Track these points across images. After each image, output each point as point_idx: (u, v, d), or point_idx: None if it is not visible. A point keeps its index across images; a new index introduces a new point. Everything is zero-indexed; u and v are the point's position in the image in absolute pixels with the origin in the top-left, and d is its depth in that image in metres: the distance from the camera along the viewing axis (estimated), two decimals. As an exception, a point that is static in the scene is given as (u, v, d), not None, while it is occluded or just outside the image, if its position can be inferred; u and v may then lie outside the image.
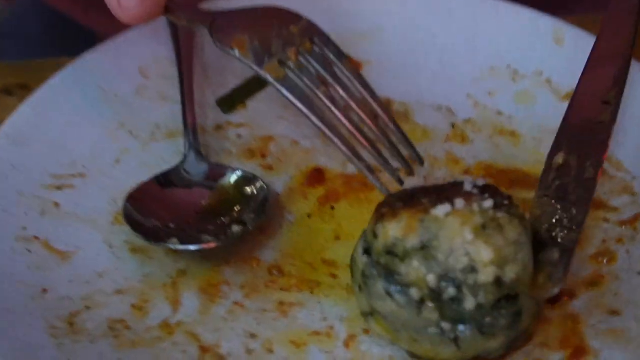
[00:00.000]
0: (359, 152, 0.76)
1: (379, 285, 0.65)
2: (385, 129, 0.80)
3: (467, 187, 0.66)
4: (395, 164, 0.79)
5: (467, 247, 0.62)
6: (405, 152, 0.80)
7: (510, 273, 0.63)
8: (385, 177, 0.78)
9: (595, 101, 0.76)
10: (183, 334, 0.70)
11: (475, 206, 0.64)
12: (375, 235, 0.66)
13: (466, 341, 0.64)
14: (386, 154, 0.79)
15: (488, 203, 0.64)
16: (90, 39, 0.90)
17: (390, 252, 0.64)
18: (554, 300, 0.70)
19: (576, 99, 0.77)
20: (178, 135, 0.83)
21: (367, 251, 0.67)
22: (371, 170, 0.76)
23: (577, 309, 0.70)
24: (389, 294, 0.65)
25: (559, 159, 0.72)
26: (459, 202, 0.64)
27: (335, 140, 0.75)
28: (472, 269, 0.62)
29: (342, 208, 0.78)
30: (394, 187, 0.78)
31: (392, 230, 0.64)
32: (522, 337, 0.67)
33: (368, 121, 0.79)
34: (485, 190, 0.66)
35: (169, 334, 0.70)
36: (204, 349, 0.69)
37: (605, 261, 0.73)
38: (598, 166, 0.71)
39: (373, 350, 0.69)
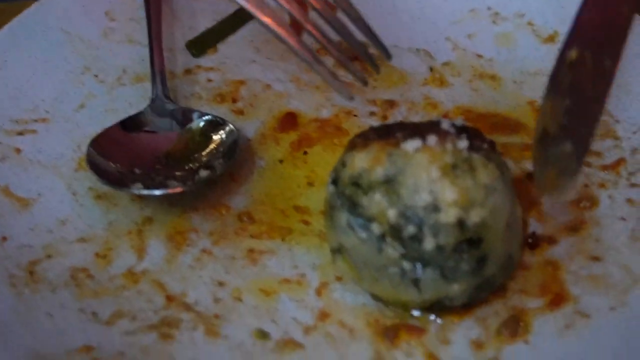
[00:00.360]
0: (319, 58, 0.71)
1: (343, 217, 0.63)
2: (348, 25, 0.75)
3: (444, 126, 0.63)
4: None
5: (432, 185, 0.60)
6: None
7: (475, 217, 0.61)
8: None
9: None
10: (148, 282, 0.67)
11: (448, 145, 0.61)
12: (343, 164, 0.63)
13: (427, 283, 0.62)
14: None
15: (463, 143, 0.62)
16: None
17: (355, 183, 0.62)
18: (533, 246, 0.68)
19: None
20: (146, 79, 0.81)
21: (335, 181, 0.64)
22: (334, 75, 0.72)
23: (557, 255, 0.68)
24: (351, 226, 0.62)
25: (572, 54, 0.68)
26: (431, 139, 0.61)
27: (291, 42, 0.71)
28: (434, 208, 0.60)
29: (315, 153, 0.76)
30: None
31: (360, 161, 0.62)
32: (489, 286, 0.64)
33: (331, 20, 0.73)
34: (464, 131, 0.64)
35: (133, 282, 0.67)
36: (169, 298, 0.66)
37: (587, 206, 0.70)
38: (616, 58, 0.67)
39: (346, 298, 0.67)
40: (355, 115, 0.78)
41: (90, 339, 0.63)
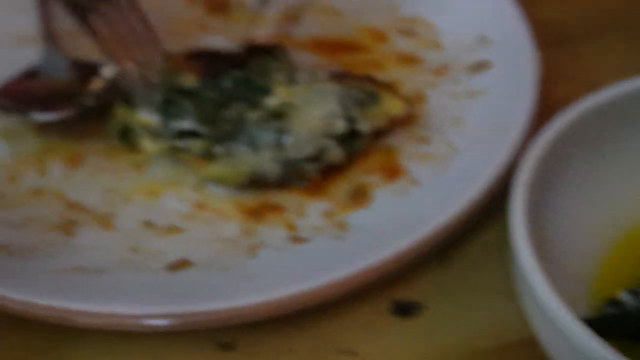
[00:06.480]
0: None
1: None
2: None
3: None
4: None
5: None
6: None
7: (285, 99, 0.78)
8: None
9: None
10: (51, 195, 0.80)
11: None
12: None
13: (237, 154, 0.77)
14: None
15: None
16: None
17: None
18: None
19: None
20: (40, 40, 0.92)
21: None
22: None
23: (394, 143, 0.82)
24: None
25: None
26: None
27: None
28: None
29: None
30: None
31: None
32: (297, 172, 0.78)
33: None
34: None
35: (38, 196, 0.79)
36: (69, 205, 0.79)
37: (417, 102, 0.84)
38: None
39: (218, 191, 0.79)
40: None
41: (4, 239, 0.75)
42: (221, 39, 0.93)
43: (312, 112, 0.76)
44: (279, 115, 0.77)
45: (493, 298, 0.73)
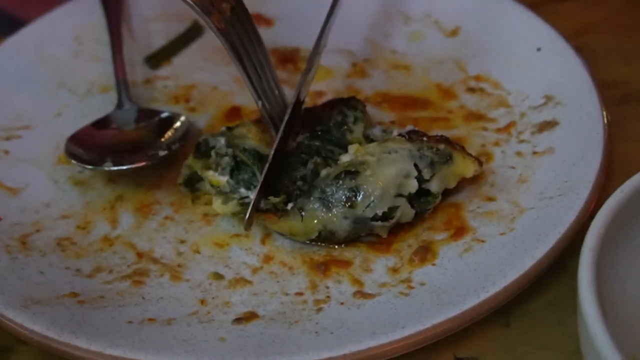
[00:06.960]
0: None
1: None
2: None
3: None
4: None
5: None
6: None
7: (360, 157, 0.78)
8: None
9: None
10: (121, 244, 0.81)
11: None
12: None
13: (309, 211, 0.77)
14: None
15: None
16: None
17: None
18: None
19: None
20: (111, 89, 0.94)
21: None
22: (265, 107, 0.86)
23: (460, 199, 0.82)
24: None
25: None
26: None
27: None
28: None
29: (257, 135, 0.89)
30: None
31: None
32: (365, 227, 0.79)
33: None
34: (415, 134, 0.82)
35: (109, 245, 0.81)
36: (139, 255, 0.80)
37: (484, 160, 0.85)
38: None
39: (285, 244, 0.80)
40: (289, 105, 0.92)
41: (75, 287, 0.76)
42: (291, 90, 0.94)
43: (385, 171, 0.77)
44: (352, 172, 0.77)
45: (553, 355, 0.72)
